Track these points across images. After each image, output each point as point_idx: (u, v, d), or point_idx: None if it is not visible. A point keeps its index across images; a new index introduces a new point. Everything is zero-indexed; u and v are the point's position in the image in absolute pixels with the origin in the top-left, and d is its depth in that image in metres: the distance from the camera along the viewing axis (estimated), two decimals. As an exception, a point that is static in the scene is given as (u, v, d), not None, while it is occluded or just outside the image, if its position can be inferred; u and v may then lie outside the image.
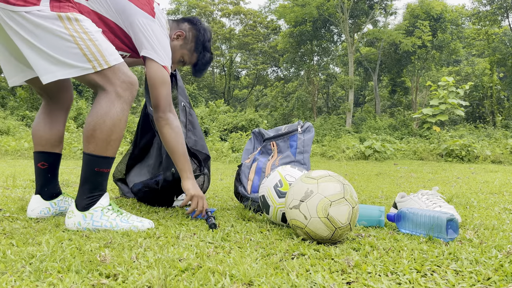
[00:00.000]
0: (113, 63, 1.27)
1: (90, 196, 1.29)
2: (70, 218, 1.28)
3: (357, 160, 7.89)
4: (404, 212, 1.29)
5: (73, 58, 1.21)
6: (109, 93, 1.27)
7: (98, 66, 1.24)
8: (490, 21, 19.98)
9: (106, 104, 1.26)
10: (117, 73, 1.27)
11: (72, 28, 1.21)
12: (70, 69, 1.22)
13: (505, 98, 19.36)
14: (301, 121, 1.86)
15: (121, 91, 1.28)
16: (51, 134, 1.50)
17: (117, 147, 1.31)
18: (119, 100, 1.28)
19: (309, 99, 21.75)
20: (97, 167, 1.28)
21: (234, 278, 0.83)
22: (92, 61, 1.23)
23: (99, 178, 1.30)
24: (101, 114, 1.26)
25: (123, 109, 1.29)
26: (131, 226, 1.28)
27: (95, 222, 1.27)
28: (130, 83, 1.30)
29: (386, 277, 0.85)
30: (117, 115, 1.27)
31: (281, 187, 1.38)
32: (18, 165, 4.98)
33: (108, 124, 1.26)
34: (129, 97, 1.30)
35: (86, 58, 1.22)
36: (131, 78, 1.30)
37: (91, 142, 1.27)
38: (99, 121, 1.26)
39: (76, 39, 1.21)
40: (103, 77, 1.26)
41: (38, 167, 1.50)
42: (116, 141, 1.29)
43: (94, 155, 1.27)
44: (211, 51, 1.68)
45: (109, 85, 1.27)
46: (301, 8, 18.37)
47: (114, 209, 1.32)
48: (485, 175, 3.97)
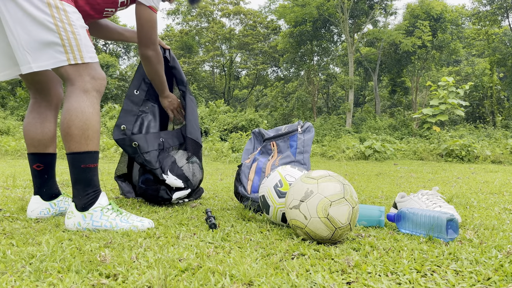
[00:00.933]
0: (88, 60, 1.30)
1: (85, 194, 1.29)
2: (70, 219, 1.28)
3: (357, 160, 7.89)
4: (404, 212, 1.29)
5: (52, 48, 1.24)
6: (76, 88, 1.29)
7: (73, 59, 1.27)
8: (490, 21, 19.98)
9: (75, 99, 1.28)
10: (89, 69, 1.31)
11: (59, 17, 1.24)
12: (47, 60, 1.25)
13: (505, 98, 19.36)
14: (301, 121, 1.86)
15: (89, 87, 1.30)
16: (42, 134, 1.49)
17: (97, 140, 1.32)
18: (87, 95, 1.30)
19: (309, 99, 21.74)
20: (83, 163, 1.29)
21: (234, 278, 0.83)
22: (68, 53, 1.26)
23: (89, 175, 1.30)
24: (72, 110, 1.27)
25: (93, 103, 1.31)
26: (131, 226, 1.28)
27: (94, 222, 1.27)
28: (100, 79, 1.33)
29: (386, 277, 0.85)
30: (88, 109, 1.29)
31: (281, 187, 1.38)
32: (18, 165, 4.98)
33: (81, 119, 1.28)
34: (97, 92, 1.33)
35: (64, 49, 1.25)
36: (100, 74, 1.34)
37: (69, 140, 1.28)
38: (72, 117, 1.27)
39: (59, 28, 1.24)
40: (75, 71, 1.28)
41: (34, 169, 1.49)
42: (94, 133, 1.31)
43: (76, 152, 1.28)
44: None
45: (79, 79, 1.29)
46: (301, 8, 18.36)
47: (114, 209, 1.32)
48: (485, 175, 3.97)
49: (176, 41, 24.54)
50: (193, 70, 24.16)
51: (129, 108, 1.82)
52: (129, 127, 1.78)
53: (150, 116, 1.89)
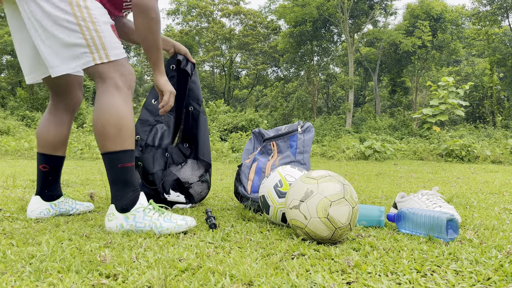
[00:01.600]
0: (113, 58, 1.26)
1: (125, 195, 1.25)
2: (111, 221, 1.25)
3: (357, 160, 7.89)
4: (404, 212, 1.29)
5: (77, 49, 1.21)
6: (108, 85, 1.25)
7: (99, 58, 1.23)
8: (490, 21, 19.99)
9: (107, 97, 1.25)
10: (117, 66, 1.27)
11: (81, 16, 1.20)
12: (74, 62, 1.22)
13: (505, 98, 19.36)
14: (301, 121, 1.86)
15: (120, 83, 1.27)
16: (54, 136, 1.48)
17: (133, 138, 1.28)
18: (119, 92, 1.26)
19: (309, 99, 21.75)
20: (120, 163, 1.25)
21: (234, 278, 0.83)
22: (93, 53, 1.23)
23: (127, 174, 1.26)
24: (105, 109, 1.24)
25: (126, 100, 1.27)
26: (175, 226, 1.23)
27: (138, 223, 1.23)
28: (129, 74, 1.30)
29: (386, 277, 0.85)
30: (122, 106, 1.25)
31: (281, 187, 1.38)
32: (18, 165, 4.98)
33: (116, 117, 1.24)
34: (128, 89, 1.29)
35: (89, 49, 1.22)
36: (129, 70, 1.30)
37: (104, 139, 1.24)
38: (106, 116, 1.23)
39: (82, 27, 1.20)
40: (103, 69, 1.25)
41: (40, 169, 1.49)
42: (129, 131, 1.26)
43: (112, 152, 1.24)
44: None
45: (108, 77, 1.26)
46: (301, 8, 18.37)
47: (155, 208, 1.28)
48: (485, 175, 3.97)
49: (176, 41, 24.52)
50: (193, 70, 24.09)
51: (146, 117, 1.76)
52: (143, 137, 1.74)
53: (164, 127, 1.83)
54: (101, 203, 1.87)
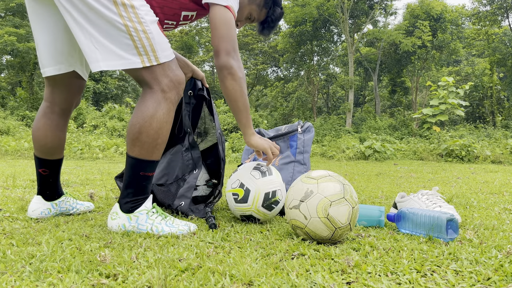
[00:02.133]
0: (163, 60, 1.20)
1: (134, 199, 1.24)
2: (114, 220, 1.24)
3: (357, 160, 7.89)
4: (404, 212, 1.29)
5: (122, 48, 1.15)
6: (155, 92, 1.20)
7: (148, 61, 1.17)
8: (490, 21, 19.99)
9: (152, 104, 1.19)
10: (166, 70, 1.21)
11: (127, 16, 1.14)
12: (118, 60, 1.16)
13: (505, 98, 19.37)
14: (301, 121, 1.86)
15: (168, 90, 1.21)
16: (52, 142, 1.44)
17: (162, 150, 1.26)
18: (165, 100, 1.21)
19: (309, 99, 21.75)
20: (143, 171, 1.24)
21: (234, 278, 0.83)
22: (142, 55, 1.17)
23: (144, 182, 1.25)
24: (147, 116, 1.19)
25: (169, 110, 1.23)
26: (177, 231, 1.22)
27: (140, 225, 1.23)
28: (178, 82, 1.24)
29: (386, 277, 0.85)
30: (164, 117, 1.21)
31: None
32: (18, 165, 4.98)
33: (154, 127, 1.20)
34: (176, 97, 1.24)
35: (136, 51, 1.16)
36: (179, 76, 1.24)
37: (136, 145, 1.21)
38: (146, 123, 1.19)
39: (129, 28, 1.14)
40: (150, 73, 1.19)
41: (40, 172, 1.48)
42: (162, 144, 1.24)
43: (139, 159, 1.22)
44: (281, 6, 1.54)
45: (156, 83, 1.20)
46: (301, 8, 18.36)
47: (158, 212, 1.27)
48: (485, 175, 3.97)
49: (176, 41, 24.53)
50: (193, 70, 24.12)
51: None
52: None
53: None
54: (101, 203, 1.87)
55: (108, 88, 18.94)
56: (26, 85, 16.84)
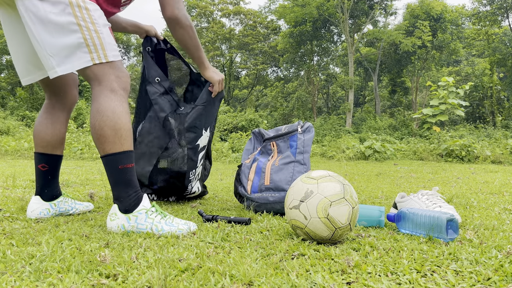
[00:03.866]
0: (112, 59, 1.27)
1: (127, 196, 1.25)
2: (113, 221, 1.24)
3: (357, 160, 7.89)
4: (404, 212, 1.29)
5: (75, 47, 1.21)
6: (104, 87, 1.26)
7: (97, 58, 1.24)
8: (490, 21, 19.99)
9: (104, 99, 1.25)
10: (113, 68, 1.28)
11: (81, 16, 1.21)
12: (71, 63, 1.22)
13: (505, 98, 19.37)
14: (301, 121, 1.86)
15: (116, 86, 1.27)
16: (52, 135, 1.48)
17: (131, 139, 1.29)
18: (115, 94, 1.27)
19: (309, 99, 21.75)
20: (120, 164, 1.25)
21: (234, 278, 0.83)
22: (92, 53, 1.23)
23: (127, 175, 1.26)
24: (103, 111, 1.24)
25: (122, 102, 1.28)
26: (176, 230, 1.23)
27: (139, 225, 1.23)
28: (125, 78, 1.30)
29: (386, 277, 0.85)
30: (118, 108, 1.26)
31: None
32: (18, 165, 4.98)
33: (112, 119, 1.24)
34: (124, 91, 1.30)
35: (88, 49, 1.22)
36: (125, 73, 1.32)
37: (103, 142, 1.24)
38: (103, 118, 1.23)
39: (82, 27, 1.21)
40: (100, 70, 1.25)
41: (39, 168, 1.49)
42: (127, 132, 1.27)
43: (112, 153, 1.24)
44: None
45: (105, 79, 1.26)
46: (301, 8, 18.37)
47: (157, 211, 1.27)
48: (485, 175, 3.97)
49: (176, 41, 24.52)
50: (193, 70, 24.12)
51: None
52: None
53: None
54: (101, 203, 1.87)
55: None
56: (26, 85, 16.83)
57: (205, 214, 1.46)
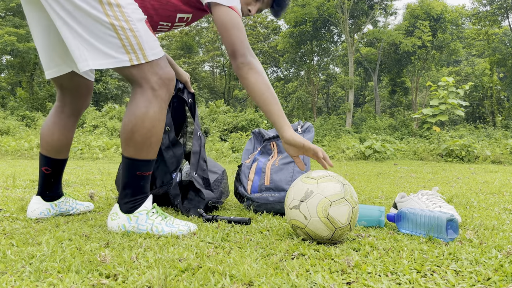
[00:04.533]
0: (151, 58, 1.19)
1: (133, 199, 1.24)
2: (114, 220, 1.24)
3: (357, 160, 7.89)
4: (404, 212, 1.29)
5: (110, 47, 1.14)
6: (145, 90, 1.19)
7: (136, 59, 1.16)
8: (490, 21, 19.99)
9: (143, 103, 1.19)
10: (155, 68, 1.20)
11: (113, 15, 1.13)
12: (106, 59, 1.15)
13: (505, 98, 19.37)
14: (301, 121, 1.86)
15: (157, 88, 1.20)
16: (58, 141, 1.46)
17: (158, 148, 1.26)
18: (156, 98, 1.20)
19: (309, 99, 21.75)
20: (139, 171, 1.23)
21: (234, 278, 0.83)
22: (130, 53, 1.15)
23: (142, 182, 1.25)
24: (139, 115, 1.18)
25: (161, 108, 1.22)
26: (177, 231, 1.22)
27: (140, 225, 1.23)
28: (168, 79, 1.22)
29: (386, 277, 0.85)
30: (156, 116, 1.20)
31: None
32: (18, 165, 4.98)
33: (147, 126, 1.19)
34: (166, 94, 1.23)
35: (124, 49, 1.15)
36: (169, 74, 1.23)
37: (130, 145, 1.20)
38: (138, 122, 1.18)
39: (116, 27, 1.13)
40: (139, 71, 1.18)
41: (42, 171, 1.48)
42: (157, 142, 1.23)
43: (134, 159, 1.22)
44: None
45: (145, 81, 1.19)
46: (301, 8, 18.37)
47: (158, 212, 1.27)
48: (485, 175, 3.97)
49: (176, 41, 24.54)
50: (193, 70, 24.17)
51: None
52: None
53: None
54: (101, 203, 1.87)
55: (108, 88, 18.95)
56: (26, 85, 16.84)
57: (205, 214, 1.47)
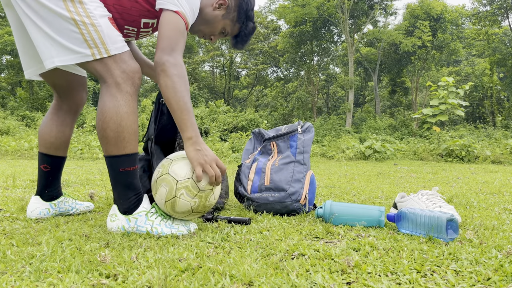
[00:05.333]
0: (114, 52, 1.20)
1: (127, 198, 1.24)
2: (114, 222, 1.24)
3: (357, 160, 7.89)
4: (404, 212, 1.29)
5: (73, 42, 1.16)
6: (109, 85, 1.20)
7: (98, 53, 1.18)
8: (490, 21, 19.99)
9: (109, 99, 1.20)
10: (118, 62, 1.21)
11: (75, 11, 1.15)
12: (70, 55, 1.17)
13: (505, 99, 19.37)
14: (301, 121, 1.86)
15: (122, 82, 1.21)
16: (56, 138, 1.48)
17: (135, 142, 1.25)
18: (120, 92, 1.20)
19: (309, 99, 21.75)
20: (121, 167, 1.23)
21: (234, 278, 0.83)
22: (92, 48, 1.17)
23: (128, 178, 1.24)
24: (106, 111, 1.20)
25: (128, 101, 1.21)
26: (177, 231, 1.22)
27: (139, 226, 1.22)
28: (132, 72, 1.23)
29: (386, 277, 0.85)
30: (122, 109, 1.20)
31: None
32: (18, 165, 4.98)
33: (115, 121, 1.19)
34: (131, 88, 1.23)
35: (86, 44, 1.16)
36: (132, 66, 1.23)
37: (106, 143, 1.21)
38: (106, 119, 1.20)
39: (77, 22, 1.15)
40: (103, 66, 1.20)
41: (41, 169, 1.48)
42: (130, 135, 1.22)
43: (113, 155, 1.22)
44: (253, 20, 1.55)
45: (109, 76, 1.20)
46: (301, 8, 18.37)
47: (157, 212, 1.27)
48: (485, 175, 3.97)
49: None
50: (193, 70, 24.17)
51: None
52: None
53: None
54: (101, 203, 1.87)
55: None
56: (26, 85, 16.84)
57: (205, 214, 1.47)
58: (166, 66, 1.22)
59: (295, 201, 1.61)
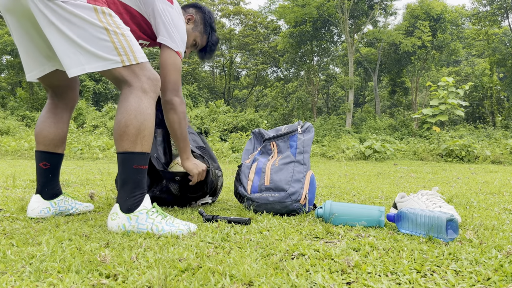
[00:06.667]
0: (141, 60, 1.29)
1: (132, 196, 1.26)
2: (114, 220, 1.25)
3: (357, 160, 7.89)
4: (404, 212, 1.29)
5: (104, 50, 1.23)
6: (135, 88, 1.28)
7: (127, 60, 1.26)
8: (490, 21, 19.99)
9: (134, 99, 1.27)
10: (144, 70, 1.30)
11: (106, 22, 1.24)
12: (100, 62, 1.24)
13: (505, 99, 19.37)
14: (301, 121, 1.86)
15: (147, 87, 1.29)
16: (55, 134, 1.51)
17: (151, 142, 1.31)
18: (145, 95, 1.29)
19: (309, 99, 21.75)
20: (135, 164, 1.26)
21: (234, 278, 0.83)
22: (122, 55, 1.25)
23: (139, 176, 1.28)
24: (131, 110, 1.25)
25: (150, 104, 1.30)
26: (177, 230, 1.23)
27: (140, 225, 1.24)
28: (156, 80, 1.32)
29: (386, 277, 0.85)
30: (146, 110, 1.27)
31: None
32: (18, 165, 4.98)
33: (139, 119, 1.26)
34: (154, 93, 1.32)
35: (117, 51, 1.24)
36: (156, 75, 1.33)
37: (124, 139, 1.25)
38: (130, 117, 1.25)
39: (109, 31, 1.23)
40: (130, 72, 1.27)
41: (40, 166, 1.50)
42: (149, 135, 1.29)
43: (130, 152, 1.26)
44: (216, 31, 1.79)
45: (136, 80, 1.28)
46: (301, 8, 18.37)
47: (158, 212, 1.28)
48: (485, 175, 3.97)
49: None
50: (193, 70, 24.17)
51: None
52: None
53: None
54: (101, 203, 1.87)
55: (108, 88, 18.95)
56: (26, 85, 16.84)
57: (205, 214, 1.48)
58: (175, 105, 1.54)
59: (295, 201, 1.61)
